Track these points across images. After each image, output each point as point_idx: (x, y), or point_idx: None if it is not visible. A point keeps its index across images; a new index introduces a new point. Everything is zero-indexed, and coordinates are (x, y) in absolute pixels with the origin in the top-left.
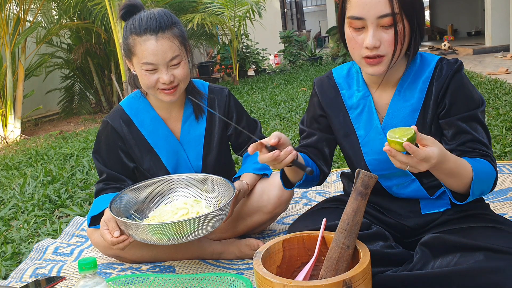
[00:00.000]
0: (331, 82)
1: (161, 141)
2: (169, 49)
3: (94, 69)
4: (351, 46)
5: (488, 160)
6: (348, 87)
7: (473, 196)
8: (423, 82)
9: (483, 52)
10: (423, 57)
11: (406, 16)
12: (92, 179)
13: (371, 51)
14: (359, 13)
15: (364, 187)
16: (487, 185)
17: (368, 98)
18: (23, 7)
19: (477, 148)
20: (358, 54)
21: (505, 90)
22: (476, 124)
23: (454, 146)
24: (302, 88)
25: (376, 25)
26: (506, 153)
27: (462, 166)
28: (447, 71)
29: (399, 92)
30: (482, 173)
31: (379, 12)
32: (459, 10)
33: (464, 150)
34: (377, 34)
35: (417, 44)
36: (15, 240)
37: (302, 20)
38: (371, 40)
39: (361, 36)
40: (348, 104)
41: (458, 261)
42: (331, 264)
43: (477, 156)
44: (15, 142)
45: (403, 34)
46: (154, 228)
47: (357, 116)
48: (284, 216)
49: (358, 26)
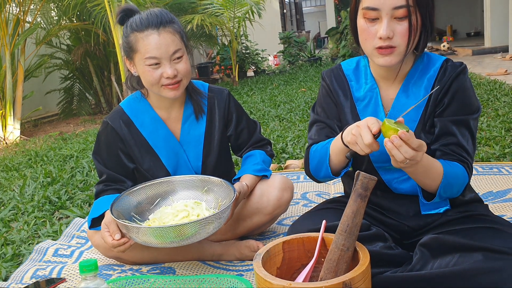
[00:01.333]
0: (340, 73)
1: (161, 142)
2: (171, 43)
3: (94, 70)
4: (363, 37)
5: (464, 167)
6: (357, 79)
7: (440, 197)
8: (428, 80)
9: (482, 53)
10: (430, 56)
11: (419, 9)
12: (92, 180)
13: (384, 42)
14: (374, 4)
15: (363, 189)
16: (456, 189)
17: (375, 91)
18: (22, 8)
19: (458, 153)
20: (370, 45)
21: (504, 91)
22: (464, 130)
23: (437, 145)
24: (301, 89)
25: (390, 16)
26: (505, 154)
27: (435, 166)
28: (451, 72)
29: (404, 88)
30: (452, 177)
31: (394, 3)
32: (458, 11)
33: (445, 151)
34: (391, 25)
35: (426, 40)
36: (15, 242)
37: (302, 21)
38: (385, 30)
39: (375, 27)
40: (355, 96)
41: (457, 262)
42: (331, 266)
43: (456, 161)
44: (14, 143)
45: (416, 27)
46: (155, 231)
47: (363, 108)
48: (284, 217)
49: (372, 17)
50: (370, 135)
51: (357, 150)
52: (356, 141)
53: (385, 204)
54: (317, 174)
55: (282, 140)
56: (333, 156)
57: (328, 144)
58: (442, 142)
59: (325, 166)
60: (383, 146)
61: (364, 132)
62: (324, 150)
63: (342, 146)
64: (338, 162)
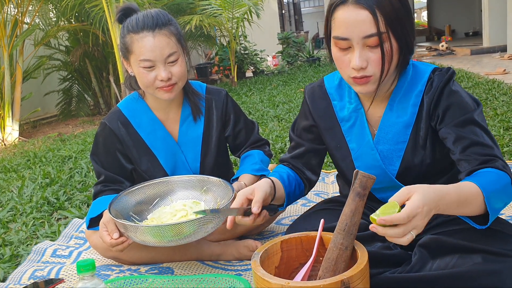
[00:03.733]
0: (322, 91)
1: (159, 143)
2: (166, 45)
3: (92, 71)
4: (338, 65)
5: (495, 166)
6: (340, 98)
7: (495, 212)
8: (416, 96)
9: (480, 52)
10: (416, 68)
11: (393, 33)
12: (91, 181)
13: (358, 72)
14: (344, 34)
15: (362, 188)
16: (506, 194)
17: (360, 111)
18: (20, 9)
19: (480, 153)
20: (345, 74)
21: (503, 90)
22: (473, 127)
23: (457, 155)
24: (300, 89)
25: (362, 45)
26: (504, 153)
27: (465, 191)
28: (437, 83)
29: (391, 107)
30: (492, 185)
31: (364, 32)
32: (456, 11)
33: (467, 158)
34: (363, 54)
35: (406, 59)
36: (13, 243)
37: (300, 22)
38: (357, 61)
39: (348, 56)
40: (339, 116)
41: (456, 263)
42: (329, 264)
43: (482, 164)
44: (13, 145)
45: (391, 53)
46: (153, 230)
47: (348, 128)
48: (283, 217)
49: (344, 47)
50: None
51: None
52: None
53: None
54: None
55: (281, 140)
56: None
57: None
58: (459, 150)
59: None
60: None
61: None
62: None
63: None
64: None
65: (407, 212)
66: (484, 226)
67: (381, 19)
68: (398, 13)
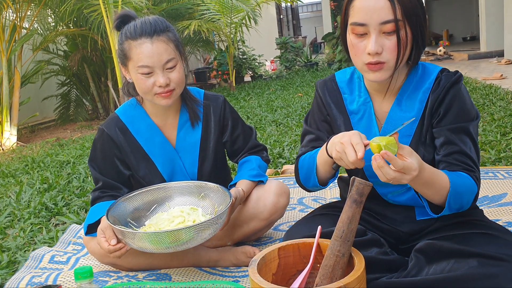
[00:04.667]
0: (333, 85)
1: (157, 149)
2: (164, 52)
3: (91, 75)
4: (353, 52)
5: (471, 176)
6: (350, 92)
7: (450, 210)
8: (423, 93)
9: (478, 57)
10: (425, 67)
11: (408, 23)
12: (89, 187)
13: (373, 57)
14: (361, 19)
15: (359, 194)
16: (466, 200)
17: (368, 104)
18: (19, 14)
19: (463, 161)
20: (360, 61)
21: (500, 95)
22: (465, 137)
23: (440, 156)
24: (298, 94)
25: (378, 31)
26: (501, 159)
27: (439, 177)
28: (445, 82)
29: (398, 102)
30: (461, 187)
31: (381, 18)
32: (454, 16)
33: (450, 161)
34: (379, 40)
35: (418, 53)
36: (11, 249)
37: (298, 26)
38: (373, 46)
39: (364, 43)
40: (349, 109)
41: (452, 268)
42: (326, 271)
43: (462, 170)
44: (11, 150)
45: (406, 41)
46: (151, 236)
47: (357, 121)
48: (280, 223)
49: (361, 32)
50: (354, 153)
51: (342, 165)
52: (340, 157)
53: (379, 211)
54: (307, 183)
55: (279, 145)
56: (319, 166)
57: (315, 154)
58: (444, 152)
59: (313, 176)
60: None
61: (348, 150)
62: (312, 160)
63: (327, 157)
64: (324, 172)
65: (403, 165)
66: (435, 215)
67: (398, 7)
68: (414, 6)
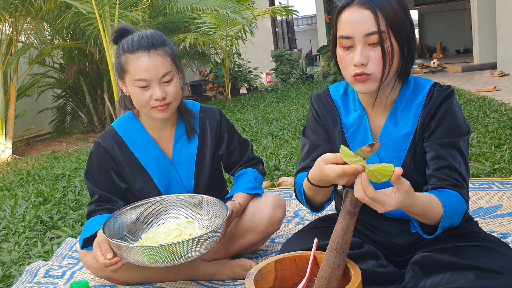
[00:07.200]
0: (328, 98)
1: (153, 162)
2: (161, 65)
3: (87, 88)
4: (342, 65)
5: (461, 192)
6: (345, 106)
7: (442, 229)
8: (416, 107)
9: (471, 69)
10: (417, 81)
11: (394, 34)
12: (84, 200)
13: (358, 69)
14: (347, 32)
15: (352, 206)
16: (457, 218)
17: (363, 118)
18: (15, 28)
19: (452, 177)
20: (348, 73)
21: (494, 107)
22: (455, 152)
23: (430, 171)
24: (294, 106)
25: (363, 43)
26: (495, 170)
27: (431, 208)
28: (436, 97)
29: (392, 116)
30: (452, 208)
31: (365, 30)
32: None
33: (439, 176)
34: (364, 52)
35: (407, 65)
36: (5, 263)
37: (294, 39)
38: (358, 58)
39: (351, 55)
40: (344, 122)
41: (449, 280)
42: (322, 283)
43: (450, 186)
44: (6, 163)
45: (391, 53)
46: (147, 250)
47: (352, 134)
48: (277, 235)
49: (347, 45)
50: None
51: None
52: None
53: (375, 224)
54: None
55: (275, 157)
56: (308, 193)
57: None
58: (434, 167)
59: (304, 203)
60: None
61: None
62: (298, 188)
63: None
64: (314, 197)
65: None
66: (428, 236)
67: (382, 19)
68: (399, 17)
